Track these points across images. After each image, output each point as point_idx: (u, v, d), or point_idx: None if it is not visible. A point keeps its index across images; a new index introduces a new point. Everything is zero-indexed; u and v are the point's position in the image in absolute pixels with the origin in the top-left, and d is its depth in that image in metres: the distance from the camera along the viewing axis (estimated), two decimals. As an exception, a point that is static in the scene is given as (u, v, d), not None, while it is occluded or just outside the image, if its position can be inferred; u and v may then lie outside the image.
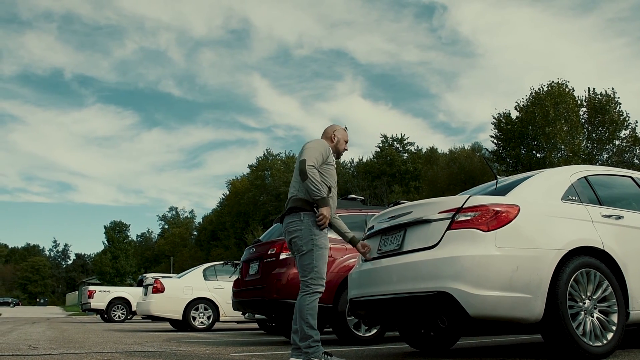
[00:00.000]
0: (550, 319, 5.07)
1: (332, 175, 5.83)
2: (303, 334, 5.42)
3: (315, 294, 5.51)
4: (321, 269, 5.57)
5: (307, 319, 5.43)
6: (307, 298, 5.49)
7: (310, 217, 5.62)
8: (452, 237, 5.23)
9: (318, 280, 5.54)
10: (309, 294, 5.50)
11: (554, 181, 5.99)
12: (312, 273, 5.53)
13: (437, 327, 5.63)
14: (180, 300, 16.16)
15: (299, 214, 5.66)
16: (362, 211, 9.44)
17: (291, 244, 5.75)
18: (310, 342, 5.38)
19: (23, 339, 10.77)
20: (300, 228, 5.62)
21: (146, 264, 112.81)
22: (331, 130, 6.20)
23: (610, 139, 42.75)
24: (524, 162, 43.33)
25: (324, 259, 5.62)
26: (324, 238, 5.67)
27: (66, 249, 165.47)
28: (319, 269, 5.56)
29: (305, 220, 5.62)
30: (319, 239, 5.59)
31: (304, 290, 5.53)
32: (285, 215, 5.85)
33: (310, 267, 5.54)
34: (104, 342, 9.66)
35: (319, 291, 5.54)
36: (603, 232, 5.62)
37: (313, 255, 5.55)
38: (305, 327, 5.41)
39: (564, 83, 43.30)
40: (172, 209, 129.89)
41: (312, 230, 5.59)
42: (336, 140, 6.16)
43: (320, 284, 5.55)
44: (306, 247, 5.57)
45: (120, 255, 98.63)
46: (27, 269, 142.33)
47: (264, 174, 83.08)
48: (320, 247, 5.58)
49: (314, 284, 5.51)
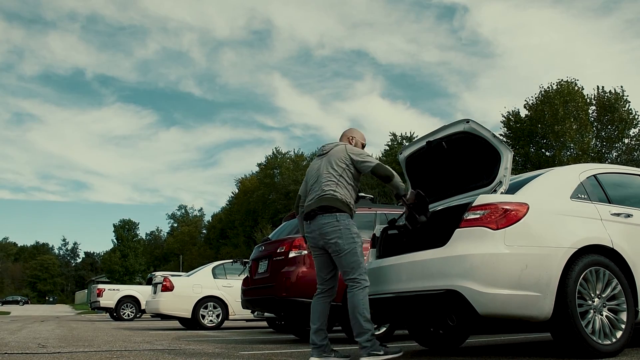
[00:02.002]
0: (560, 317, 5.07)
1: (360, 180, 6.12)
2: (360, 329, 5.49)
3: (366, 289, 5.60)
4: (363, 264, 5.70)
5: (364, 314, 5.50)
6: (360, 293, 5.56)
7: (346, 217, 5.73)
8: (461, 236, 5.23)
9: (364, 274, 5.64)
10: (360, 289, 5.57)
11: (563, 179, 5.98)
12: (359, 269, 5.62)
13: (446, 325, 5.63)
14: (190, 298, 16.17)
15: (334, 214, 5.71)
16: (371, 209, 9.43)
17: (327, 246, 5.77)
18: (369, 335, 5.46)
19: (32, 337, 10.80)
20: (339, 228, 5.67)
21: (155, 263, 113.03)
22: (348, 134, 6.38)
23: (619, 137, 42.70)
24: (533, 160, 43.27)
25: (363, 255, 5.74)
26: (360, 236, 5.80)
27: (75, 247, 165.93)
28: (363, 264, 5.69)
29: (342, 221, 5.69)
30: (358, 237, 5.72)
31: (355, 286, 5.59)
32: (316, 214, 5.81)
33: (356, 264, 5.62)
34: (113, 341, 9.68)
35: (368, 285, 5.63)
36: (612, 230, 5.61)
37: (357, 252, 5.64)
38: (363, 322, 5.49)
39: (574, 81, 43.22)
40: (181, 207, 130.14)
41: (351, 230, 5.70)
42: (354, 142, 6.31)
43: (367, 278, 5.66)
44: (349, 246, 5.64)
45: (129, 254, 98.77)
46: (37, 268, 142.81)
47: (273, 173, 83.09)
48: (360, 244, 5.72)
49: (363, 279, 5.61)
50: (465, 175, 6.22)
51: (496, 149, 5.70)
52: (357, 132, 6.42)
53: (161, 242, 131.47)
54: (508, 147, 5.72)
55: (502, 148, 5.68)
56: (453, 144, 6.10)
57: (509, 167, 5.61)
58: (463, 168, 6.22)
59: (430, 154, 6.45)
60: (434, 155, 6.40)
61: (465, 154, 6.07)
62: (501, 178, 5.62)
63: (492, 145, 5.72)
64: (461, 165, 6.23)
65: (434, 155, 6.40)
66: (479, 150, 5.85)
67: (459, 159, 6.19)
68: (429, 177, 6.75)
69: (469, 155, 6.03)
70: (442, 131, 6.19)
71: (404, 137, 78.74)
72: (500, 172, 5.64)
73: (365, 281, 5.59)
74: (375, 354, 5.40)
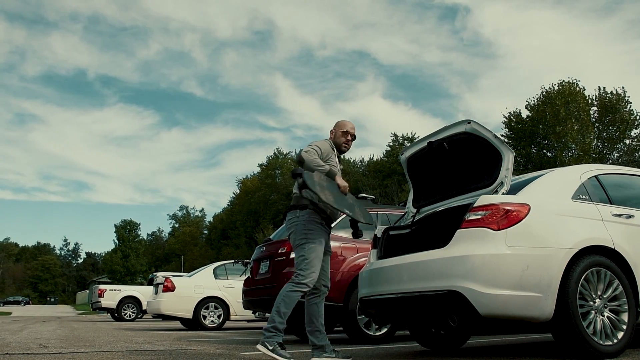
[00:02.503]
0: (561, 318, 5.07)
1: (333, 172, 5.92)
2: (271, 319, 5.50)
3: (301, 286, 5.57)
4: (312, 262, 5.64)
5: (279, 306, 5.51)
6: (291, 286, 5.56)
7: (305, 213, 5.77)
8: (463, 236, 5.23)
9: (308, 273, 5.60)
10: (294, 283, 5.57)
11: (565, 180, 5.98)
12: (302, 264, 5.63)
13: (447, 326, 5.62)
14: (191, 299, 16.18)
15: (295, 211, 5.84)
16: (373, 210, 9.43)
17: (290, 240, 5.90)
18: (271, 327, 5.44)
19: (34, 338, 10.81)
20: (296, 223, 5.78)
21: (157, 263, 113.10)
22: (333, 127, 6.29)
23: (620, 138, 42.69)
24: (535, 161, 43.27)
25: (316, 252, 5.69)
26: (317, 234, 5.76)
27: (77, 247, 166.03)
28: (310, 262, 5.63)
29: (300, 216, 5.78)
30: (312, 233, 5.71)
31: (292, 280, 5.62)
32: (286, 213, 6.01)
33: (300, 260, 5.67)
34: (115, 341, 9.69)
35: (305, 283, 5.58)
36: (613, 231, 5.61)
37: (305, 248, 5.67)
38: (274, 313, 5.50)
39: (575, 82, 43.22)
40: (182, 207, 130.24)
41: (306, 225, 5.72)
42: (334, 133, 6.23)
43: (308, 277, 5.60)
44: (299, 241, 5.71)
45: (130, 254, 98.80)
46: (38, 268, 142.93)
47: (275, 173, 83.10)
48: (312, 241, 5.69)
49: (302, 276, 5.58)
50: (466, 176, 6.23)
51: (497, 149, 5.70)
52: (340, 122, 6.28)
53: (162, 243, 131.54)
54: (509, 147, 5.72)
55: (504, 149, 5.69)
56: (454, 144, 6.11)
57: (511, 167, 5.62)
58: (464, 169, 6.22)
59: (431, 155, 6.45)
60: (436, 156, 6.40)
61: (466, 154, 6.07)
62: (502, 179, 5.62)
63: (493, 146, 5.72)
64: (463, 166, 6.23)
65: (436, 156, 6.40)
66: (481, 151, 5.85)
67: (461, 160, 6.20)
68: (430, 178, 6.76)
69: (471, 156, 6.04)
70: (443, 132, 6.19)
71: (405, 137, 78.71)
72: (501, 172, 5.65)
73: (304, 278, 5.58)
74: (266, 346, 5.38)
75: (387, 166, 74.38)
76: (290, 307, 5.53)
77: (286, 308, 5.51)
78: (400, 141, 78.11)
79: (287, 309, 5.52)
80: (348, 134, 6.17)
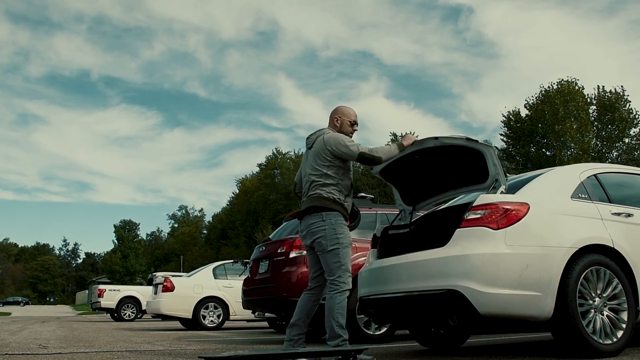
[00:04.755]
0: (560, 317, 5.07)
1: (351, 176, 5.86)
2: (332, 333, 5.43)
3: (345, 292, 5.49)
4: (348, 266, 5.56)
5: (337, 319, 5.42)
6: (338, 297, 5.45)
7: (333, 216, 5.61)
8: (462, 235, 5.24)
9: (346, 277, 5.52)
10: (339, 292, 5.47)
11: (564, 179, 5.98)
12: (339, 271, 5.51)
13: (447, 325, 5.63)
14: (190, 299, 16.17)
15: (320, 214, 5.63)
16: (372, 209, 9.43)
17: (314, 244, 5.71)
18: (339, 341, 5.39)
19: (33, 338, 10.80)
20: (324, 228, 5.58)
21: (156, 263, 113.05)
22: (333, 115, 6.11)
23: (619, 136, 42.70)
24: (534, 160, 43.26)
25: (349, 256, 5.62)
26: (348, 236, 5.66)
27: (76, 248, 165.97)
28: (346, 266, 5.54)
29: (327, 220, 5.60)
30: (343, 238, 5.58)
31: (333, 289, 5.49)
32: (304, 214, 5.80)
33: (337, 265, 5.51)
34: (114, 341, 9.68)
35: (348, 289, 5.52)
36: (613, 230, 5.61)
37: (340, 253, 5.53)
38: (336, 327, 5.42)
39: (574, 81, 43.23)
40: (181, 207, 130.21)
41: (336, 230, 5.56)
42: (339, 123, 6.02)
43: (348, 282, 5.53)
44: (332, 246, 5.54)
45: (130, 254, 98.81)
46: (37, 268, 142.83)
47: (274, 173, 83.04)
48: (345, 246, 5.57)
49: (343, 282, 5.49)
50: (455, 176, 6.27)
51: (476, 149, 5.71)
52: (343, 109, 6.09)
53: (162, 243, 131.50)
54: (486, 144, 5.75)
55: (481, 147, 5.71)
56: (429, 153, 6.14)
57: (497, 162, 5.64)
58: (450, 170, 6.28)
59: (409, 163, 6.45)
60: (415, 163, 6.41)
61: (450, 161, 6.13)
62: (495, 175, 5.64)
63: (471, 148, 5.73)
64: (447, 168, 6.29)
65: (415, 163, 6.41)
66: (461, 156, 5.89)
67: (444, 163, 6.25)
68: (415, 180, 6.76)
69: (452, 160, 6.08)
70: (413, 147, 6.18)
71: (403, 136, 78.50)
72: (490, 169, 5.66)
73: (346, 284, 5.51)
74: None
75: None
76: (345, 314, 5.50)
77: (344, 317, 5.47)
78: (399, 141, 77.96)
79: (344, 318, 5.49)
80: (355, 124, 6.05)
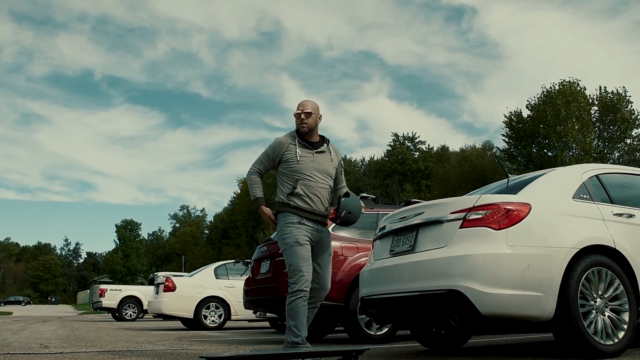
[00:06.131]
0: (562, 318, 5.07)
1: (297, 170, 5.69)
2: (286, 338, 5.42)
3: (295, 294, 5.37)
4: (297, 265, 5.43)
5: (288, 321, 5.41)
6: (289, 298, 5.41)
7: (282, 217, 5.67)
8: (464, 236, 5.23)
9: (296, 278, 5.41)
10: (290, 293, 5.41)
11: (565, 180, 5.98)
12: (289, 272, 5.48)
13: (448, 325, 5.62)
14: (192, 298, 16.18)
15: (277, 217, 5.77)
16: (374, 210, 9.42)
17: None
18: (290, 345, 5.34)
19: (34, 338, 10.81)
20: (278, 229, 5.75)
21: (157, 263, 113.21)
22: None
23: (621, 137, 42.62)
24: (535, 160, 43.23)
25: (298, 254, 5.47)
26: (293, 235, 5.54)
27: (77, 247, 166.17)
28: (295, 266, 5.44)
29: (279, 222, 5.72)
30: (288, 237, 5.55)
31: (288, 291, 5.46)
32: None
33: (288, 266, 5.53)
34: (115, 341, 9.69)
35: (299, 289, 5.36)
36: (614, 230, 5.61)
37: (287, 254, 5.54)
38: (287, 330, 5.43)
39: (576, 82, 43.20)
40: (183, 207, 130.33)
41: (282, 231, 5.62)
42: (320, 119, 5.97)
43: (297, 282, 5.39)
44: (282, 248, 5.65)
45: (131, 254, 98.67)
46: (39, 268, 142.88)
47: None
48: (290, 245, 5.51)
49: (292, 283, 5.40)
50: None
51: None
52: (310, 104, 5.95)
53: (163, 243, 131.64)
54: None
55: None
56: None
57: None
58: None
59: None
60: None
61: None
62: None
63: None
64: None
65: None
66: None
67: None
68: None
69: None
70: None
71: (406, 137, 78.82)
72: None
73: (295, 285, 5.38)
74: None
75: (388, 166, 74.53)
76: (297, 317, 5.35)
77: (293, 320, 5.36)
78: (401, 141, 78.22)
79: (295, 320, 5.35)
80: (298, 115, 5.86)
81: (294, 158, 5.71)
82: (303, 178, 5.66)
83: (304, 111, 5.81)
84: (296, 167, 5.68)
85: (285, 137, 5.87)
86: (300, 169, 5.68)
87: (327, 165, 5.82)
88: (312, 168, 5.70)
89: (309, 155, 5.75)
